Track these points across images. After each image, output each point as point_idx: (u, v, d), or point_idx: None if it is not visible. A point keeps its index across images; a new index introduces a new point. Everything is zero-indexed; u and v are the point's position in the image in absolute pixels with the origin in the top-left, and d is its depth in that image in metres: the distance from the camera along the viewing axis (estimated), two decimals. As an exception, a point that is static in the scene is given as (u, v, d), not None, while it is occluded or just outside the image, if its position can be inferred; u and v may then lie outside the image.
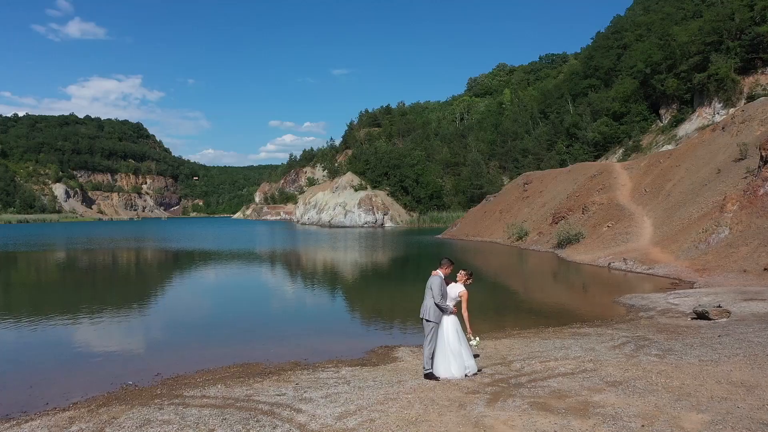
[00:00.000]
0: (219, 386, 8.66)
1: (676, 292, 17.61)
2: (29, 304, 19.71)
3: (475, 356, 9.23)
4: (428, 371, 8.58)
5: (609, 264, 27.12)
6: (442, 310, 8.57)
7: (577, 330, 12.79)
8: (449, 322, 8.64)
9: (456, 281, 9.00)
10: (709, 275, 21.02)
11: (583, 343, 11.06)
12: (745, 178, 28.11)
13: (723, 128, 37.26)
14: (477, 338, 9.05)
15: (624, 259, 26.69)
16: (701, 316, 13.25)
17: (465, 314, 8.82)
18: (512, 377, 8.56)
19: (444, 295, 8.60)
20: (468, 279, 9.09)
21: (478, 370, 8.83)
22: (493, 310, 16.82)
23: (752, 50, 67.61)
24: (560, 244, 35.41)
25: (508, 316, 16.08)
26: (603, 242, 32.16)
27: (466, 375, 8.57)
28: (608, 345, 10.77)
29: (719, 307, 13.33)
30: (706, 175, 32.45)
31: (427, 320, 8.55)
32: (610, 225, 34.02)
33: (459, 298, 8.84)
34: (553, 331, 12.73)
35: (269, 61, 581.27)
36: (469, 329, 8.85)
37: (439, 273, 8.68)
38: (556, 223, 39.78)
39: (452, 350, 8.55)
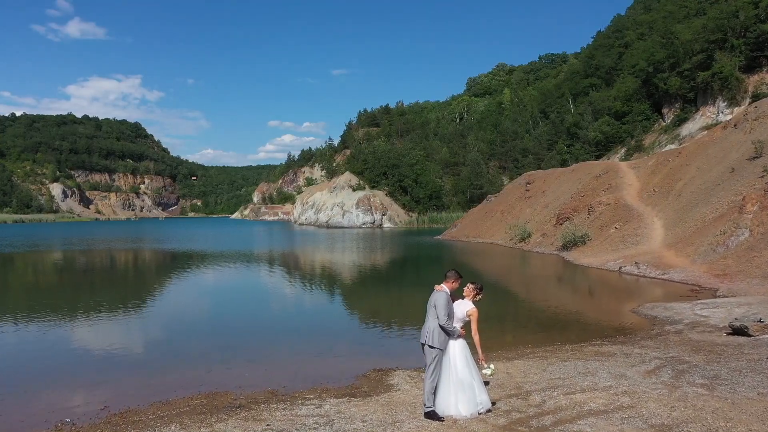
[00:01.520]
0: (173, 426, 7.05)
1: (703, 302, 15.99)
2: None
3: (485, 383, 7.62)
4: (430, 409, 6.97)
5: (620, 268, 25.55)
6: (449, 334, 6.97)
7: (599, 348, 11.20)
8: (457, 348, 7.04)
9: (463, 297, 7.40)
10: (730, 281, 19.48)
11: (610, 366, 9.47)
12: (762, 177, 26.63)
13: (735, 126, 35.72)
14: (492, 366, 7.42)
15: (636, 262, 25.12)
16: (738, 331, 11.68)
17: (475, 337, 7.19)
18: (533, 416, 6.97)
19: (450, 315, 7.00)
20: (477, 294, 7.48)
21: (493, 405, 7.26)
22: (500, 322, 15.16)
23: (757, 48, 66.30)
24: (565, 246, 33.87)
25: (517, 329, 14.46)
26: (611, 244, 30.61)
27: (479, 413, 6.98)
28: (640, 369, 9.18)
29: (760, 321, 11.73)
30: (719, 174, 30.92)
31: (430, 346, 6.92)
32: (618, 226, 32.45)
33: (467, 318, 7.22)
34: (571, 350, 11.12)
35: (269, 61, 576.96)
36: (481, 355, 7.24)
37: (444, 288, 7.07)
38: (561, 224, 38.21)
39: (462, 382, 6.95)
